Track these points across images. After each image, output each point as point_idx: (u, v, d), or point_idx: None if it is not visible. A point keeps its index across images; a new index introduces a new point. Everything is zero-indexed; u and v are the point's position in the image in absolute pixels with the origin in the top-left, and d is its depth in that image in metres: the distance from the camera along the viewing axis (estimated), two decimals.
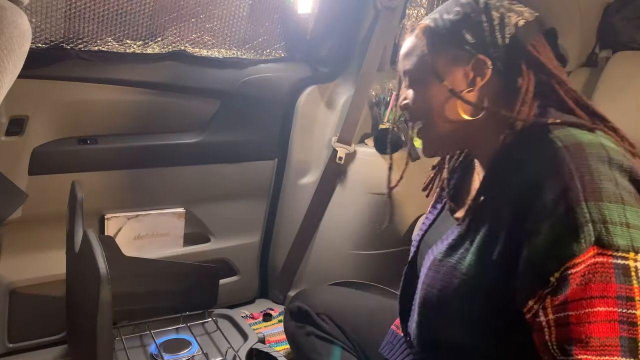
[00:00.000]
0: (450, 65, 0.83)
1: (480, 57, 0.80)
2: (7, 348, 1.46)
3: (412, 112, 0.89)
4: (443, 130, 0.86)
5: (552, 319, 0.68)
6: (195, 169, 1.65)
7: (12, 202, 1.31)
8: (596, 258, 0.66)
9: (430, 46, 0.84)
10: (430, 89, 0.84)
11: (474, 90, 0.82)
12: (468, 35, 0.81)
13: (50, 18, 1.37)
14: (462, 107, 0.82)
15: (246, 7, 1.64)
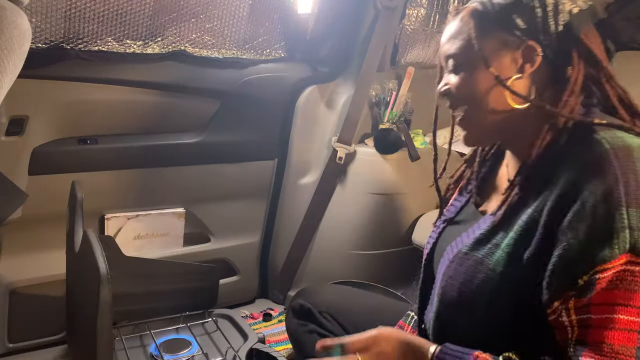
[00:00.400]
0: (498, 50, 0.79)
1: (530, 43, 0.77)
2: (7, 348, 1.46)
3: (454, 98, 0.84)
4: (487, 119, 0.81)
5: (575, 319, 0.69)
6: (195, 169, 1.65)
7: (12, 202, 1.31)
8: (627, 266, 0.65)
9: (478, 30, 0.80)
10: (476, 75, 0.80)
11: (522, 78, 0.79)
12: (519, 20, 0.77)
13: (50, 18, 1.36)
14: (511, 95, 0.78)
15: (246, 7, 1.64)
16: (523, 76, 0.79)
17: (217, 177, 1.69)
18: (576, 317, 0.69)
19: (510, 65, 0.79)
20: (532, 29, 0.77)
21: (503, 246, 0.77)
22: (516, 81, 0.79)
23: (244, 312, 1.81)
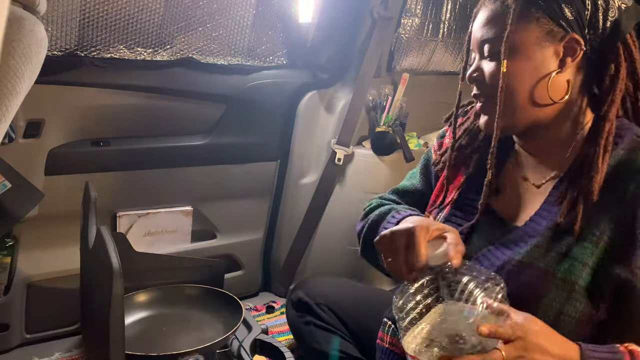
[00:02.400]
0: (542, 41, 0.71)
1: (574, 36, 0.70)
2: (25, 338, 1.47)
3: (485, 86, 0.76)
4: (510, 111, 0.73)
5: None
6: (202, 169, 1.65)
7: (29, 201, 1.31)
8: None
9: (522, 15, 0.71)
10: (514, 63, 0.72)
11: (562, 72, 0.71)
12: (567, 11, 0.70)
13: (66, 27, 1.36)
14: (551, 89, 0.71)
15: (250, 16, 1.64)
16: (563, 70, 0.71)
17: (223, 177, 1.69)
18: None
19: (552, 57, 0.71)
20: (579, 22, 0.70)
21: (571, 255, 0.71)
22: (557, 75, 0.71)
23: (248, 304, 1.80)
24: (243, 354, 1.30)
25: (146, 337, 1.31)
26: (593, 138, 0.72)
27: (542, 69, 0.72)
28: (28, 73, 0.77)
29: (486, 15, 0.76)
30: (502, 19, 0.73)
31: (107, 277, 0.87)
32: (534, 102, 0.73)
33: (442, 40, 2.09)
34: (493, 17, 0.75)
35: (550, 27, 0.71)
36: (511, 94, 0.73)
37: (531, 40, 0.71)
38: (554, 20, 0.71)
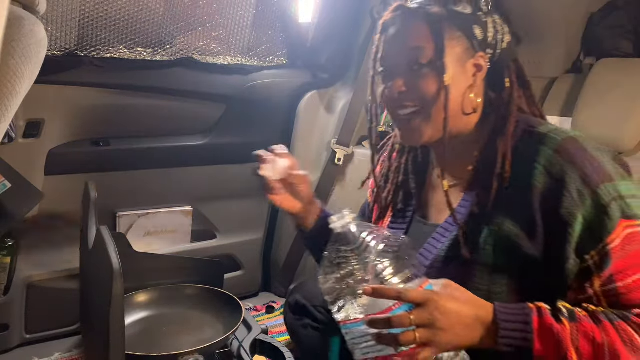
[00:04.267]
0: (462, 56, 0.80)
1: (481, 54, 0.80)
2: (24, 339, 1.46)
3: (406, 98, 0.82)
4: (441, 119, 0.80)
5: (600, 292, 0.71)
6: (202, 169, 1.65)
7: (29, 201, 1.31)
8: (626, 230, 0.69)
9: (447, 32, 0.79)
10: (434, 78, 0.79)
11: (475, 85, 0.81)
12: (477, 32, 0.80)
13: (65, 27, 1.36)
14: (470, 100, 0.80)
15: (250, 16, 1.64)
16: (475, 84, 0.81)
17: (223, 177, 1.69)
18: (601, 289, 0.70)
19: (469, 72, 0.81)
20: (485, 42, 0.80)
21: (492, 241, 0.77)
22: (470, 88, 0.81)
23: (248, 304, 1.80)
24: (243, 354, 1.30)
25: (146, 337, 1.31)
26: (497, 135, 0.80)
27: (465, 82, 0.81)
28: (28, 73, 0.77)
29: (408, 31, 0.82)
30: (431, 36, 0.79)
31: (107, 277, 0.87)
32: (463, 111, 0.82)
33: None
34: (416, 35, 0.81)
35: (466, 45, 0.80)
36: (443, 105, 0.80)
37: (456, 56, 0.80)
38: (469, 40, 0.80)
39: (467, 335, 0.68)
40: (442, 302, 0.67)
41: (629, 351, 0.66)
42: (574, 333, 0.67)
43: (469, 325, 0.68)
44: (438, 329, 0.66)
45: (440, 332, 0.66)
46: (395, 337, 0.66)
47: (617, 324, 0.67)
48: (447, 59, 0.78)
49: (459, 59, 0.80)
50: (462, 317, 0.68)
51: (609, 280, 0.69)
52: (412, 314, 0.66)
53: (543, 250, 0.73)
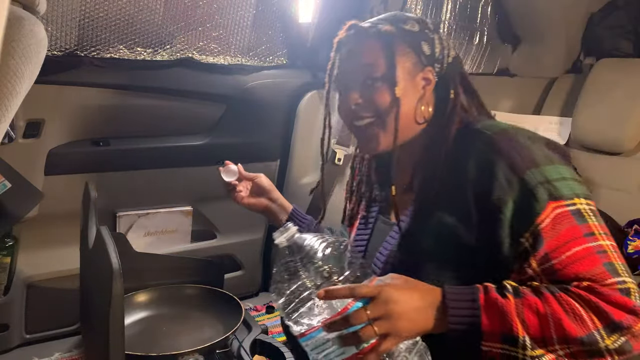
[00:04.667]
0: (411, 70, 0.87)
1: (429, 68, 0.88)
2: (24, 339, 1.47)
3: (362, 110, 0.89)
4: (395, 129, 0.87)
5: (539, 270, 0.74)
6: (202, 169, 1.65)
7: (29, 201, 1.31)
8: (555, 210, 0.74)
9: (397, 49, 0.87)
10: (386, 91, 0.86)
11: (424, 97, 0.89)
12: (425, 47, 0.88)
13: (65, 27, 1.36)
14: (418, 111, 0.88)
15: (250, 16, 1.64)
16: (424, 96, 0.89)
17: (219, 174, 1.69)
18: (539, 268, 0.74)
19: (416, 85, 0.88)
20: (432, 57, 0.88)
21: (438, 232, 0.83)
22: (420, 100, 0.89)
23: (248, 304, 1.80)
24: (243, 354, 1.30)
25: (146, 337, 1.31)
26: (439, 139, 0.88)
27: (416, 94, 0.88)
28: (28, 73, 0.77)
29: (361, 48, 0.89)
30: (382, 53, 0.87)
31: (107, 277, 0.87)
32: (415, 120, 0.89)
33: None
34: (371, 50, 0.87)
35: (415, 60, 0.88)
36: (396, 115, 0.87)
37: (406, 70, 0.87)
38: (417, 55, 0.88)
39: (421, 319, 0.72)
40: (393, 292, 0.71)
41: (571, 320, 0.69)
42: (519, 306, 0.70)
43: (421, 309, 0.72)
44: (394, 318, 0.69)
45: (396, 321, 0.69)
46: (356, 335, 0.69)
47: (558, 295, 0.71)
48: (398, 73, 0.86)
49: (409, 73, 0.87)
50: (413, 301, 0.71)
51: (545, 258, 0.74)
52: (367, 308, 0.69)
53: (481, 238, 0.79)
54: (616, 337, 0.68)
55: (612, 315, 0.69)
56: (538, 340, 0.69)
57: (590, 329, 0.69)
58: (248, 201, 1.16)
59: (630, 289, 0.71)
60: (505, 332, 0.70)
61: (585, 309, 0.70)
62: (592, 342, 0.68)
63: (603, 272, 0.72)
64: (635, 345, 0.69)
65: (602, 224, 0.77)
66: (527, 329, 0.70)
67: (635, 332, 0.69)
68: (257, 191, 1.18)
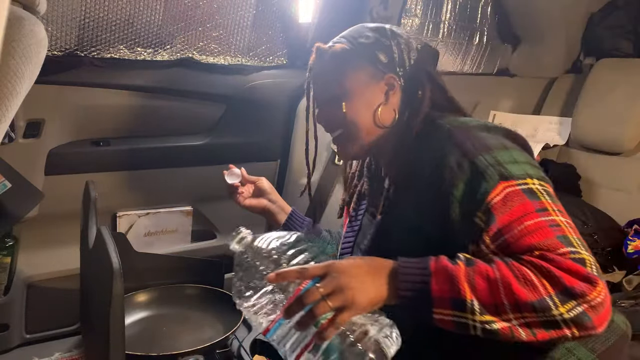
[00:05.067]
0: (367, 82, 0.92)
1: (391, 75, 0.92)
2: (24, 338, 1.46)
3: (329, 125, 0.98)
4: (359, 137, 0.93)
5: (494, 247, 0.74)
6: (202, 169, 1.65)
7: (29, 200, 1.31)
8: (506, 189, 0.75)
9: (350, 64, 0.92)
10: (352, 103, 0.92)
11: (387, 103, 0.93)
12: (381, 56, 0.91)
13: (65, 27, 1.37)
14: (381, 117, 0.92)
15: (250, 16, 1.64)
16: (388, 102, 0.92)
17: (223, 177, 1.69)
18: (494, 245, 0.75)
19: (379, 93, 0.92)
20: (392, 63, 0.92)
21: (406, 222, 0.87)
22: (385, 106, 0.92)
23: None
24: (243, 354, 1.30)
25: (146, 337, 1.31)
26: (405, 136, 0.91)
27: (377, 101, 0.92)
28: (28, 73, 0.77)
29: (320, 70, 0.97)
30: (334, 72, 0.93)
31: (107, 277, 0.87)
32: (378, 127, 0.93)
33: (442, 40, 2.09)
34: (326, 71, 0.95)
35: (372, 71, 0.92)
36: (355, 126, 0.93)
37: (360, 84, 0.92)
38: (373, 66, 0.92)
39: (373, 288, 0.72)
40: (342, 265, 0.73)
41: (521, 285, 0.68)
42: (469, 272, 0.70)
43: (373, 278, 0.73)
44: (346, 289, 0.70)
45: (349, 292, 0.70)
46: (311, 313, 0.70)
47: (510, 262, 0.71)
48: (352, 87, 0.92)
49: (366, 84, 0.92)
50: (365, 272, 0.73)
51: (498, 234, 0.74)
52: (319, 285, 0.71)
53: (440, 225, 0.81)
54: (571, 306, 0.66)
55: (564, 281, 0.67)
56: (489, 306, 0.68)
57: (541, 294, 0.67)
58: (249, 202, 1.19)
59: (585, 259, 0.69)
60: (454, 296, 0.69)
61: (537, 274, 0.68)
62: (545, 308, 0.66)
63: (556, 242, 0.70)
64: (595, 318, 0.66)
65: (558, 204, 0.77)
66: (476, 293, 0.68)
67: (590, 301, 0.66)
68: (258, 194, 1.21)
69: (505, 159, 0.78)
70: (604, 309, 0.67)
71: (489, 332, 0.68)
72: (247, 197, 1.20)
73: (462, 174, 0.78)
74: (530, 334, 0.67)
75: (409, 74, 0.93)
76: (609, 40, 2.16)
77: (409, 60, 0.93)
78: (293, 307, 0.71)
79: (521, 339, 0.68)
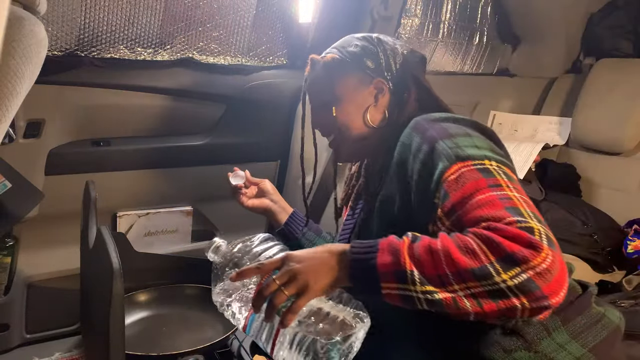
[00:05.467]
0: (356, 87, 0.98)
1: (379, 79, 0.97)
2: (25, 338, 1.47)
3: (325, 127, 1.04)
4: (351, 139, 1.00)
5: (448, 224, 0.75)
6: (202, 169, 1.65)
7: (29, 200, 1.31)
8: (461, 169, 0.77)
9: (340, 72, 0.99)
10: (342, 107, 0.99)
11: (377, 105, 0.98)
12: (369, 62, 0.98)
13: (66, 27, 1.37)
14: (370, 117, 0.98)
15: (250, 16, 1.64)
16: (377, 104, 0.98)
17: (223, 177, 1.67)
18: (449, 221, 0.75)
19: (368, 96, 0.98)
20: (379, 69, 0.98)
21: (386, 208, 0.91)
22: (374, 108, 0.98)
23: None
24: (243, 354, 1.30)
25: (146, 337, 1.32)
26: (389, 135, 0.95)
27: (366, 104, 0.98)
28: (28, 73, 0.77)
29: (314, 79, 1.03)
30: (325, 79, 1.00)
31: (107, 277, 0.87)
32: (368, 127, 0.99)
33: (442, 40, 2.09)
34: (320, 78, 1.02)
35: (360, 77, 0.98)
36: (346, 128, 0.99)
37: (349, 88, 0.99)
38: (362, 72, 0.98)
39: (325, 269, 0.74)
40: (296, 255, 0.76)
41: (462, 253, 0.67)
42: (412, 246, 0.71)
43: (325, 261, 0.74)
44: (299, 275, 0.73)
45: (302, 277, 0.73)
46: (271, 302, 0.73)
47: (454, 235, 0.71)
48: (341, 93, 0.99)
49: (355, 88, 0.98)
50: (317, 257, 0.75)
51: (452, 211, 0.75)
52: (275, 277, 0.74)
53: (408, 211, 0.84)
54: (514, 272, 0.64)
55: (505, 247, 0.65)
56: (433, 277, 0.68)
57: (482, 261, 0.65)
58: (252, 203, 1.22)
59: (534, 228, 0.67)
60: (396, 269, 0.69)
61: (478, 243, 0.67)
62: (486, 275, 0.65)
63: (504, 213, 0.69)
64: (545, 287, 0.64)
65: (516, 184, 0.76)
66: (418, 265, 0.69)
67: (535, 267, 0.64)
68: (260, 194, 1.25)
69: (465, 144, 0.80)
70: (554, 277, 0.64)
71: (432, 304, 0.68)
72: (250, 198, 1.23)
73: (421, 158, 0.81)
74: (476, 304, 0.66)
75: (396, 77, 0.98)
76: (608, 40, 2.16)
77: (395, 65, 0.99)
78: (257, 301, 0.75)
79: (467, 310, 0.66)
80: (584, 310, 0.86)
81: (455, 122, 0.86)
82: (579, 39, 2.25)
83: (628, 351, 1.02)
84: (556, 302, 0.65)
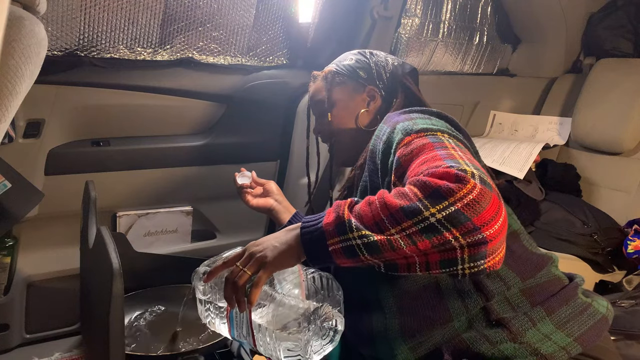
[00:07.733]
0: (350, 95, 1.09)
1: (371, 87, 1.08)
2: (24, 338, 1.47)
3: (324, 133, 1.13)
4: (347, 142, 1.08)
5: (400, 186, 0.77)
6: (202, 169, 1.65)
7: (29, 200, 1.31)
8: (414, 139, 0.82)
9: (336, 82, 1.10)
10: (337, 113, 1.09)
11: (369, 110, 1.08)
12: (361, 72, 1.08)
13: (66, 27, 1.36)
14: (361, 120, 1.07)
15: (250, 16, 1.64)
16: (369, 109, 1.08)
17: (223, 177, 1.69)
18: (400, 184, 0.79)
19: (361, 102, 1.08)
20: (371, 78, 1.08)
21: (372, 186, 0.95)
22: (365, 112, 1.08)
23: None
24: (243, 354, 1.30)
25: (146, 337, 1.31)
26: None
27: (356, 110, 1.08)
28: (28, 73, 0.77)
29: (314, 90, 1.14)
30: (324, 89, 1.11)
31: (107, 277, 0.87)
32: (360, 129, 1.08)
33: (442, 40, 2.09)
34: (320, 89, 1.12)
35: (354, 85, 1.09)
36: (341, 131, 1.09)
37: (343, 96, 1.09)
38: (355, 81, 1.09)
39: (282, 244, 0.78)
40: (255, 241, 0.81)
41: (394, 197, 0.70)
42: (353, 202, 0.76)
43: (281, 236, 0.79)
44: (258, 254, 0.78)
45: (260, 254, 0.78)
46: (235, 284, 0.78)
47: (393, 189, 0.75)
48: (337, 99, 1.09)
49: (348, 96, 1.09)
50: (274, 235, 0.81)
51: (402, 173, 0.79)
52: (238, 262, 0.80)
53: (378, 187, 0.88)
54: (442, 205, 0.66)
55: (431, 183, 0.68)
56: (371, 226, 0.70)
57: (412, 199, 0.68)
58: (257, 202, 1.26)
59: (467, 170, 0.68)
60: (337, 222, 0.72)
61: (410, 187, 0.70)
62: (416, 211, 0.67)
63: (441, 163, 0.72)
64: (475, 219, 0.65)
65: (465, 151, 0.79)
66: (358, 216, 0.72)
67: (462, 197, 0.65)
68: (265, 194, 1.29)
69: (422, 122, 0.86)
70: (484, 209, 0.65)
71: (370, 248, 0.69)
72: (255, 197, 1.28)
73: (384, 139, 0.88)
74: (410, 243, 0.67)
75: (387, 85, 1.08)
76: (608, 40, 2.16)
77: (385, 74, 1.09)
78: (227, 291, 0.79)
79: (403, 251, 0.68)
80: (569, 301, 0.88)
81: (422, 112, 0.93)
82: (579, 38, 2.26)
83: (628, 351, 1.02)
84: (491, 235, 0.66)
